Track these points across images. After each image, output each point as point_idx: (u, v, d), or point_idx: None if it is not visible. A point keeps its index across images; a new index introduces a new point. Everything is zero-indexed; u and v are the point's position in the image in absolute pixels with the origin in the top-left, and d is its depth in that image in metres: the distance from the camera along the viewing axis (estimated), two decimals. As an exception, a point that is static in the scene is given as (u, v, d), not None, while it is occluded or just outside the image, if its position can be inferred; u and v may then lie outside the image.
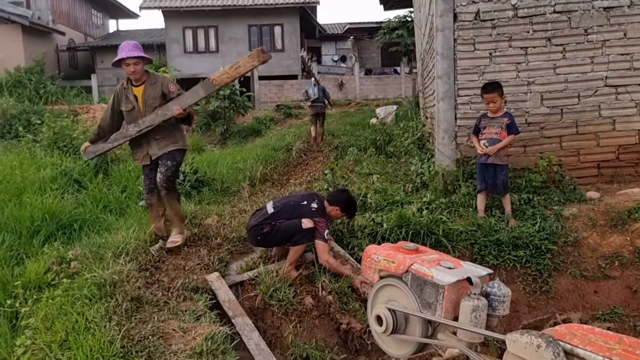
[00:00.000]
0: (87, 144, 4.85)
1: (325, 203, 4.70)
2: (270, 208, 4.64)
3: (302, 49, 24.83)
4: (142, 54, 4.51)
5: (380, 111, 13.27)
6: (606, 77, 5.58)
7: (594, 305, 4.47)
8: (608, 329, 2.55)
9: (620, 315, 4.35)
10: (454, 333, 2.97)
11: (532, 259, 4.61)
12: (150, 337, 3.17)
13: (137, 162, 4.86)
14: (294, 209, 4.57)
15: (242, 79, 20.36)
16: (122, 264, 4.11)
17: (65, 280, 3.85)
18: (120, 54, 4.44)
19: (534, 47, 5.62)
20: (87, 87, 22.09)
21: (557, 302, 4.51)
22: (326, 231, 4.49)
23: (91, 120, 13.23)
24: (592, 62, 5.58)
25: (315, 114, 11.71)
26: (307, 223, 4.43)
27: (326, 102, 12.18)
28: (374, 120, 12.21)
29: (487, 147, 5.00)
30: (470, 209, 5.25)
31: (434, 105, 6.28)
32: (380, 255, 3.34)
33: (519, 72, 5.66)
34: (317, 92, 11.71)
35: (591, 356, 2.22)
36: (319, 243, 4.47)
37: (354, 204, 4.85)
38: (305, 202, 4.61)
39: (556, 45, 5.60)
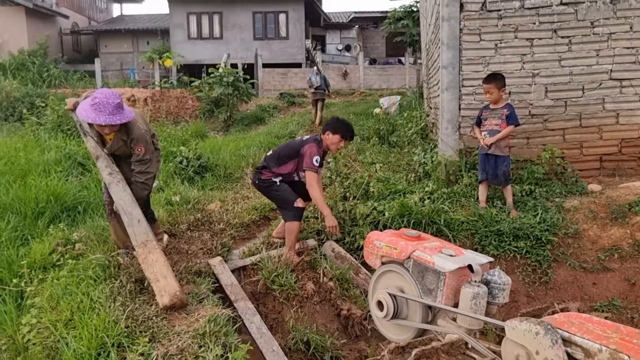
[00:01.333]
0: (74, 101, 4.24)
1: (320, 136, 4.65)
2: (270, 152, 4.76)
3: (307, 37, 24.74)
4: (124, 120, 3.73)
5: (384, 101, 13.24)
6: (611, 70, 5.58)
7: (592, 296, 4.52)
8: (606, 318, 2.58)
9: (618, 307, 4.39)
10: (454, 319, 3.01)
11: (532, 249, 4.64)
12: (154, 317, 3.22)
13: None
14: (289, 147, 4.64)
15: (245, 66, 20.35)
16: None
17: (70, 261, 3.90)
18: (99, 118, 3.60)
19: (540, 39, 5.61)
20: (90, 71, 22.04)
21: (556, 293, 4.55)
22: (315, 157, 4.40)
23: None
24: (597, 55, 5.58)
25: (316, 100, 12.96)
26: (299, 202, 4.45)
27: (326, 89, 13.32)
28: (377, 110, 12.20)
29: (487, 138, 5.02)
30: (472, 200, 5.28)
31: (438, 95, 6.29)
32: (382, 242, 3.37)
33: (524, 63, 5.66)
34: (319, 80, 12.88)
35: (588, 344, 2.26)
36: (307, 173, 4.43)
37: (345, 123, 4.67)
38: (299, 139, 4.71)
39: (562, 37, 5.59)
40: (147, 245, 3.61)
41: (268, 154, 4.74)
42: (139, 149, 3.94)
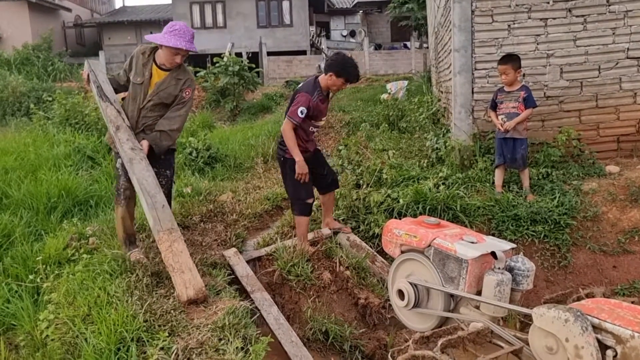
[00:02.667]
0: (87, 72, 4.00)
1: (318, 79, 4.30)
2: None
3: (311, 24, 24.53)
4: (197, 49, 3.87)
5: (392, 86, 13.09)
6: (628, 48, 5.44)
7: (612, 280, 4.45)
8: (632, 302, 2.52)
9: (639, 289, 4.33)
10: (477, 307, 2.97)
11: (551, 234, 4.57)
12: (172, 311, 3.18)
13: (110, 143, 4.07)
14: (290, 101, 4.30)
15: (250, 55, 20.22)
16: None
17: (85, 255, 3.87)
18: (179, 42, 3.64)
19: (554, 19, 5.48)
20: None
21: (576, 277, 4.49)
22: (301, 109, 4.10)
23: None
24: (613, 33, 5.44)
25: None
26: (309, 200, 4.39)
27: None
28: (384, 96, 12.06)
29: (505, 121, 4.93)
30: (488, 184, 5.20)
31: (450, 79, 6.18)
32: (401, 230, 3.32)
33: (538, 44, 5.54)
34: None
35: (620, 330, 2.21)
36: (286, 120, 4.19)
37: (350, 64, 4.23)
38: (300, 85, 4.36)
39: (577, 16, 5.46)
40: (172, 233, 3.41)
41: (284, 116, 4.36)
42: (188, 92, 3.90)
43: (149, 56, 3.84)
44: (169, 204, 3.97)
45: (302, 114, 4.12)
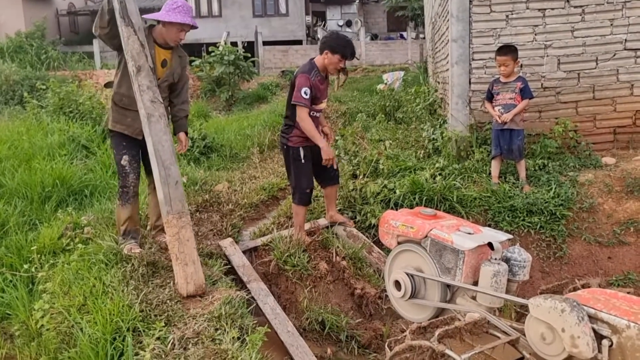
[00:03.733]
0: None
1: (313, 60, 4.24)
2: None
3: (307, 13, 24.36)
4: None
5: (388, 77, 13.04)
6: (625, 40, 5.43)
7: (607, 271, 4.48)
8: (628, 293, 2.53)
9: (634, 280, 4.36)
10: (473, 298, 2.97)
11: (547, 225, 4.59)
12: (168, 301, 3.17)
13: (127, 131, 3.74)
14: (290, 89, 4.19)
15: (245, 45, 20.09)
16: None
17: (80, 245, 3.84)
18: (185, 18, 3.59)
19: (552, 9, 5.45)
20: (88, 52, 21.74)
21: (571, 268, 4.51)
22: (303, 89, 4.02)
23: (95, 85, 13.07)
24: (611, 24, 5.42)
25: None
26: (309, 190, 4.35)
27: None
28: (381, 86, 12.02)
29: (502, 113, 4.92)
30: (484, 175, 5.20)
31: (447, 70, 6.16)
32: (398, 221, 3.31)
33: (535, 34, 5.52)
34: None
35: (615, 320, 2.21)
36: (297, 108, 4.09)
37: (344, 39, 4.18)
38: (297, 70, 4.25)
39: (575, 6, 5.44)
40: (182, 217, 3.17)
41: (286, 106, 4.34)
42: (187, 70, 3.79)
43: (147, 36, 3.57)
44: None
45: (306, 94, 4.03)
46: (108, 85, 3.97)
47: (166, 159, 3.16)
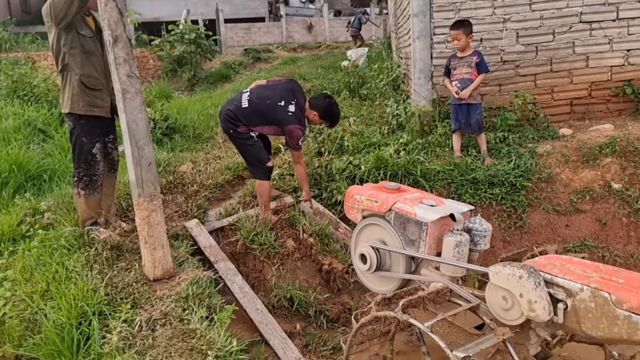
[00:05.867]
0: None
1: (306, 105, 4.46)
2: (244, 101, 4.30)
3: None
4: None
5: (352, 53, 12.99)
6: (581, 12, 5.55)
7: (565, 238, 4.65)
8: (583, 258, 2.64)
9: (590, 246, 4.54)
10: (437, 268, 3.05)
11: (507, 196, 4.71)
12: (134, 284, 3.15)
13: (94, 111, 3.66)
14: (269, 109, 4.26)
15: (207, 22, 19.65)
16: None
17: (40, 231, 3.75)
18: None
19: (510, -17, 5.52)
20: (42, 32, 20.84)
21: (531, 237, 4.66)
22: (300, 139, 4.30)
23: (50, 67, 12.61)
24: (567, -3, 5.53)
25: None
26: (270, 162, 4.39)
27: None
28: (345, 63, 11.98)
29: (459, 87, 4.98)
30: (447, 149, 5.29)
31: (409, 45, 6.18)
32: (362, 196, 3.35)
33: (494, 8, 5.58)
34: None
35: (570, 284, 2.30)
36: (293, 152, 4.43)
37: (335, 114, 4.52)
38: (282, 103, 4.28)
39: (532, -20, 5.51)
40: (153, 201, 3.12)
41: (242, 104, 4.28)
42: None
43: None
44: None
45: (301, 142, 4.35)
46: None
47: (140, 138, 3.06)
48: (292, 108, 4.30)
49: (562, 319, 2.28)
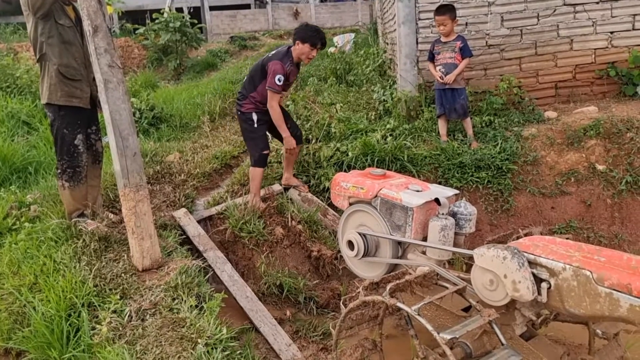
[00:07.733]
0: None
1: (291, 48, 4.45)
2: (248, 72, 4.65)
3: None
4: None
5: (338, 40, 12.94)
6: (565, -5, 5.57)
7: (551, 220, 4.71)
8: (567, 239, 2.68)
9: (575, 228, 4.61)
10: (423, 252, 3.08)
11: (494, 179, 4.75)
12: (123, 274, 3.16)
13: (73, 102, 3.61)
14: (257, 66, 4.49)
15: (192, 10, 19.41)
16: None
17: (27, 224, 3.74)
18: None
19: (495, -34, 5.51)
20: (23, 23, 20.48)
21: (518, 220, 4.72)
22: (278, 76, 4.24)
23: (33, 58, 12.41)
24: (551, -20, 5.54)
25: None
26: (266, 151, 4.51)
27: None
28: (332, 50, 11.92)
29: (443, 72, 4.99)
30: (434, 134, 5.31)
31: (395, 30, 6.16)
32: (348, 183, 3.37)
33: (479, -8, 5.57)
34: None
35: (553, 264, 2.35)
36: (268, 93, 4.33)
37: (313, 29, 4.41)
38: (267, 55, 4.52)
39: (517, -37, 5.51)
40: (139, 191, 3.13)
41: (244, 79, 4.60)
42: None
43: None
44: None
45: (279, 81, 4.25)
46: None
47: (124, 129, 3.06)
48: (272, 52, 4.50)
49: (545, 298, 2.32)
